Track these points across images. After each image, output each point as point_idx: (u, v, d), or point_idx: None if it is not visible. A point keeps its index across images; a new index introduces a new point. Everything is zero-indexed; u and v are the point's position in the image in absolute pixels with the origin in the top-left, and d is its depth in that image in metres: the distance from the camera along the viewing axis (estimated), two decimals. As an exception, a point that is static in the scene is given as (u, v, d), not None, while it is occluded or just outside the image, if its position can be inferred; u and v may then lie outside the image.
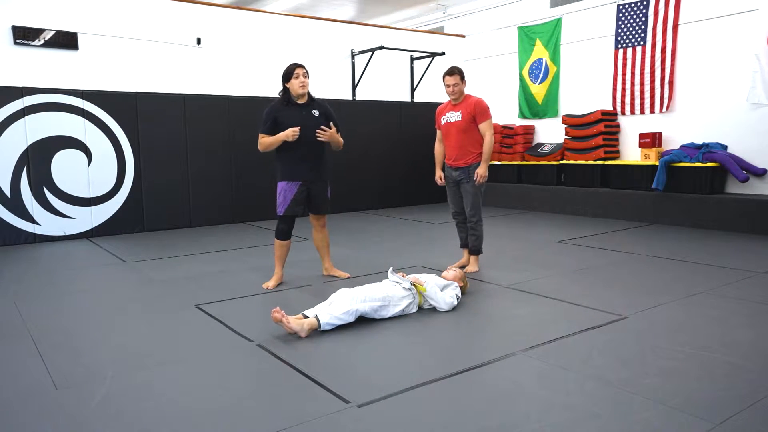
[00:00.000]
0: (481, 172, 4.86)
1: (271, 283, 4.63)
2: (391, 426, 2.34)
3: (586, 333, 3.40)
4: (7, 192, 6.66)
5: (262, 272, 5.05)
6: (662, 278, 4.68)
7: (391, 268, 4.06)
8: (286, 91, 4.54)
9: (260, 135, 4.53)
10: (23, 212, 6.76)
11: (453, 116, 4.95)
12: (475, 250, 5.09)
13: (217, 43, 8.49)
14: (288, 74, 4.49)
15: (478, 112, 4.86)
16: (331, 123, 4.55)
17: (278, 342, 3.31)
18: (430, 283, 3.87)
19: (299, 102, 4.55)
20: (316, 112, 4.57)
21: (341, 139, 4.64)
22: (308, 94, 4.57)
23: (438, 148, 5.23)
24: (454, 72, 4.85)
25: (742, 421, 2.33)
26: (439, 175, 5.21)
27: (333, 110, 4.72)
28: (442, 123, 5.06)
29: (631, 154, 8.45)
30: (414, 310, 3.82)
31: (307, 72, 4.50)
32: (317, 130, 4.46)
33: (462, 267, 4.97)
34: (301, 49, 9.18)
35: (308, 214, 4.76)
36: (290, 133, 4.38)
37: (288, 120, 4.47)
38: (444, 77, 4.89)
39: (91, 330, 3.64)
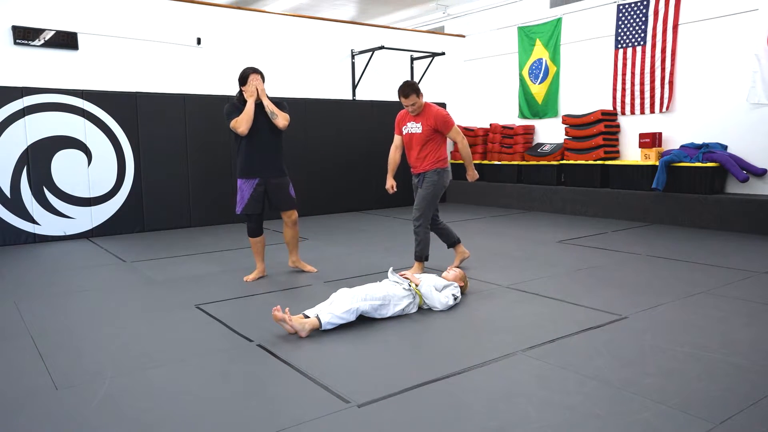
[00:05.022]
0: (473, 175, 5.05)
1: (251, 276, 4.84)
2: (391, 426, 2.34)
3: (586, 333, 3.40)
4: (7, 192, 6.67)
5: (262, 272, 5.06)
6: (662, 278, 4.68)
7: (391, 268, 4.08)
8: (241, 93, 4.68)
9: (234, 121, 4.57)
10: (23, 212, 6.76)
11: (413, 127, 4.77)
12: (418, 257, 4.81)
13: (217, 43, 8.49)
14: (243, 78, 4.62)
15: (440, 125, 4.69)
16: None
17: (278, 342, 3.31)
18: (424, 282, 3.87)
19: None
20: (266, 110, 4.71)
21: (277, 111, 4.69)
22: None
23: (393, 155, 4.99)
24: (409, 93, 4.57)
25: (742, 421, 2.33)
26: (390, 183, 4.96)
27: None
28: (404, 132, 4.88)
29: (631, 154, 8.45)
30: (414, 310, 3.82)
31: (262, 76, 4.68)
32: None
33: (462, 260, 5.14)
34: (301, 49, 9.19)
35: (278, 211, 4.88)
36: (251, 89, 4.55)
37: None
38: (400, 98, 4.62)
39: (91, 330, 3.64)
